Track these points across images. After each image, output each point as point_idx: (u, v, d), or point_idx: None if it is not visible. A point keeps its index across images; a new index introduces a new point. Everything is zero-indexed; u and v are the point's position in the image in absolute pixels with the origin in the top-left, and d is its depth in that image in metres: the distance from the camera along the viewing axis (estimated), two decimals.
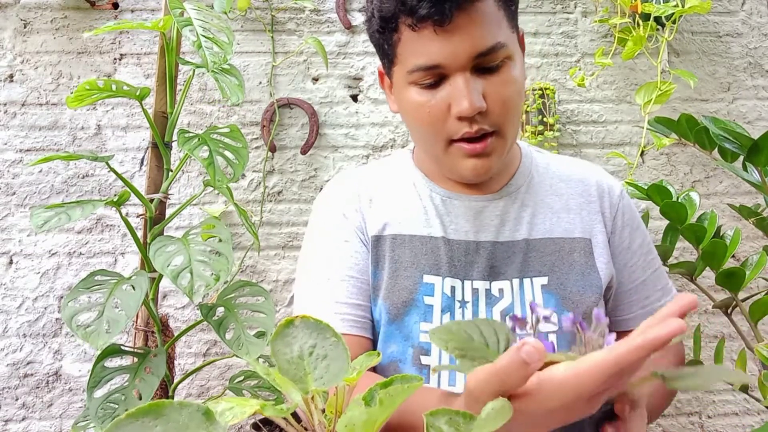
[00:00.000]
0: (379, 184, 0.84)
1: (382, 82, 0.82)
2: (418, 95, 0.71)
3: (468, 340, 0.48)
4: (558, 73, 1.47)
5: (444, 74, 0.69)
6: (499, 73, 0.69)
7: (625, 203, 0.85)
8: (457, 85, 0.68)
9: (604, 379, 0.38)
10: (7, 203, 1.37)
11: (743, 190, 1.46)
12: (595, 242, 0.79)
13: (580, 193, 0.83)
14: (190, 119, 1.42)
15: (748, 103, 1.49)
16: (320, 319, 0.43)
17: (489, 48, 0.67)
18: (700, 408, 1.42)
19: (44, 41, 1.41)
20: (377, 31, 0.72)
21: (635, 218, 0.85)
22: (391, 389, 0.35)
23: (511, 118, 0.72)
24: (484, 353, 0.47)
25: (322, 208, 0.85)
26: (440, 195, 0.81)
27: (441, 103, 0.69)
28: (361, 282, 0.77)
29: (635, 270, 0.83)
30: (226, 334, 0.91)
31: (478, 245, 0.77)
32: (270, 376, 0.42)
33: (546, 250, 0.77)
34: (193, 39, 0.92)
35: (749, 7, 1.51)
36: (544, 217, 0.80)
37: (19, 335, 1.35)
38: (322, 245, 0.82)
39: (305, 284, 0.80)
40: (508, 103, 0.70)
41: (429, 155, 0.78)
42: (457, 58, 0.67)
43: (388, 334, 0.76)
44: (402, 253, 0.77)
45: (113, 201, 0.95)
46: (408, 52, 0.69)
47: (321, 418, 0.39)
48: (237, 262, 1.38)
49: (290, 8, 1.44)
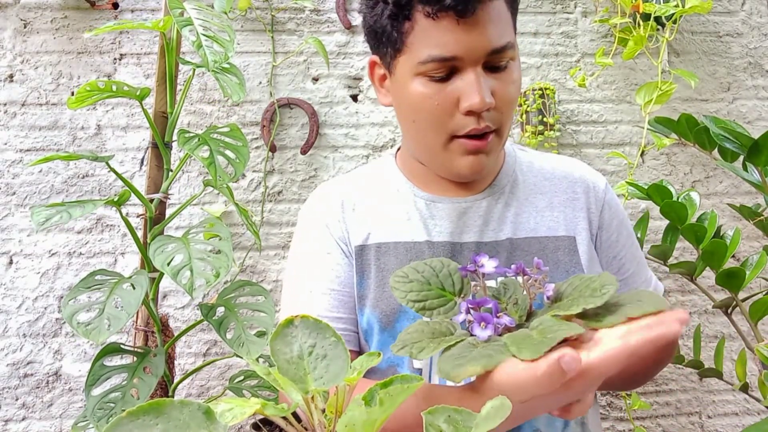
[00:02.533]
0: (363, 193, 0.84)
1: (371, 73, 0.79)
2: (423, 87, 0.69)
3: (425, 285, 0.56)
4: (558, 73, 1.47)
5: (456, 68, 0.68)
6: (506, 72, 0.70)
7: (610, 196, 0.85)
8: (469, 80, 0.67)
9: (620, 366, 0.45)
10: (7, 203, 1.37)
11: (743, 190, 1.46)
12: (579, 240, 0.79)
13: (564, 189, 0.83)
14: (190, 119, 1.42)
15: (748, 103, 1.49)
16: (319, 319, 0.43)
17: (502, 46, 0.68)
18: (700, 408, 1.42)
19: (44, 41, 1.41)
20: (389, 17, 0.70)
21: (620, 211, 0.86)
22: (391, 389, 0.35)
23: (510, 117, 0.74)
24: (442, 300, 0.55)
25: (306, 219, 0.86)
26: (424, 199, 0.81)
27: (450, 97, 0.69)
28: (342, 294, 0.78)
29: (624, 263, 0.84)
30: (227, 334, 0.91)
31: (462, 246, 0.77)
32: (270, 376, 0.42)
33: (530, 249, 0.77)
34: (192, 39, 0.92)
35: (749, 7, 1.51)
36: (528, 216, 0.80)
37: (19, 335, 1.35)
38: (304, 257, 0.83)
39: (289, 296, 0.83)
40: (511, 103, 0.71)
41: (423, 151, 0.77)
42: (474, 52, 0.66)
43: (382, 341, 0.76)
44: (387, 261, 0.77)
45: (113, 201, 0.95)
46: (421, 42, 0.68)
47: (321, 418, 0.39)
48: (237, 262, 1.38)
49: (290, 8, 1.44)
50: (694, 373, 1.36)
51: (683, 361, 1.18)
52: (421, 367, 0.75)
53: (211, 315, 0.93)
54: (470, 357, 0.46)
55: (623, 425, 1.40)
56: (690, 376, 1.43)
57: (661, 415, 1.42)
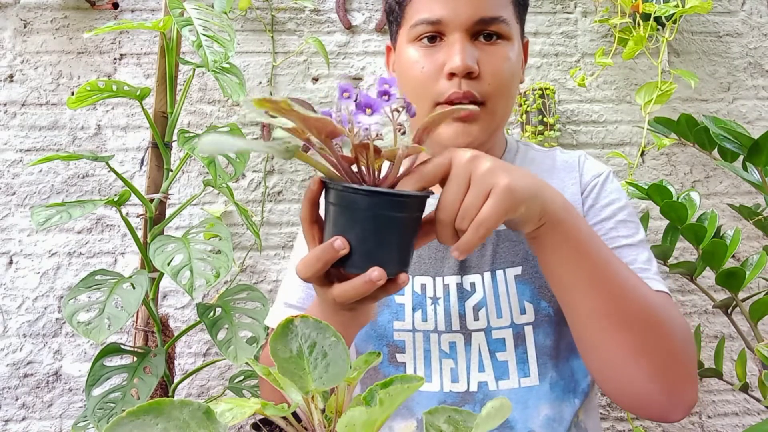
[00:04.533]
0: None
1: (387, 60, 0.83)
2: (415, 52, 0.72)
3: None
4: (558, 73, 1.47)
5: (444, 32, 0.70)
6: (496, 45, 0.71)
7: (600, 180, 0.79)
8: (452, 44, 0.69)
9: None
10: (7, 203, 1.37)
11: (743, 190, 1.46)
12: None
13: (562, 178, 0.79)
14: (190, 119, 1.42)
15: (748, 103, 1.49)
16: (319, 319, 0.43)
17: (491, 17, 0.69)
18: (700, 408, 1.42)
19: (44, 41, 1.41)
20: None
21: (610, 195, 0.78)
22: (391, 389, 0.35)
23: (502, 94, 0.71)
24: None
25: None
26: None
27: (435, 63, 0.70)
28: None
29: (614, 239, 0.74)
30: (219, 335, 0.92)
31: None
32: (270, 376, 0.42)
33: (518, 239, 0.75)
34: (192, 39, 0.92)
35: (749, 7, 1.51)
36: None
37: (19, 335, 1.35)
38: (298, 246, 0.87)
39: (283, 287, 0.85)
40: (500, 77, 0.70)
41: (414, 124, 0.74)
42: (459, 17, 0.69)
43: (365, 334, 0.77)
44: None
45: (113, 201, 0.95)
46: (414, 10, 0.72)
47: (321, 418, 0.39)
48: (237, 262, 1.38)
49: (290, 8, 1.44)
50: None
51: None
52: (404, 361, 0.75)
53: (207, 314, 0.94)
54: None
55: (623, 425, 1.40)
56: None
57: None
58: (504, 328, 0.73)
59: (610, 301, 0.60)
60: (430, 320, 0.75)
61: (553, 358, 0.73)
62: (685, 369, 0.62)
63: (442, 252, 0.77)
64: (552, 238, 0.58)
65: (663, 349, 0.61)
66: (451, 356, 0.74)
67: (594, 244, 0.60)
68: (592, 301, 0.60)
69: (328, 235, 0.50)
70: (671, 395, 0.62)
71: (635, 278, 0.63)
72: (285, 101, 0.41)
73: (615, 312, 0.60)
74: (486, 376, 0.73)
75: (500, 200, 0.50)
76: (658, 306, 0.62)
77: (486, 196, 0.50)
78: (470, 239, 0.50)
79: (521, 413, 0.71)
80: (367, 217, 0.47)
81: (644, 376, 0.61)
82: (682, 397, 0.62)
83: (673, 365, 0.62)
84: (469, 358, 0.73)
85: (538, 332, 0.72)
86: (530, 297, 0.73)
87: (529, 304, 0.73)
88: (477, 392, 0.72)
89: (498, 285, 0.74)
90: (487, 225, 0.50)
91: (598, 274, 0.60)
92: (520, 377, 0.72)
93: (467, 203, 0.50)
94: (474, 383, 0.73)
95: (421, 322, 0.75)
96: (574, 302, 0.62)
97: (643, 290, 0.62)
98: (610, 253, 0.62)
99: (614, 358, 0.61)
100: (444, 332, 0.74)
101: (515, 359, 0.73)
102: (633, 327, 0.60)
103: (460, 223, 0.51)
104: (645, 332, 0.61)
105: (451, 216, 0.51)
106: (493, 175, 0.50)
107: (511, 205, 0.51)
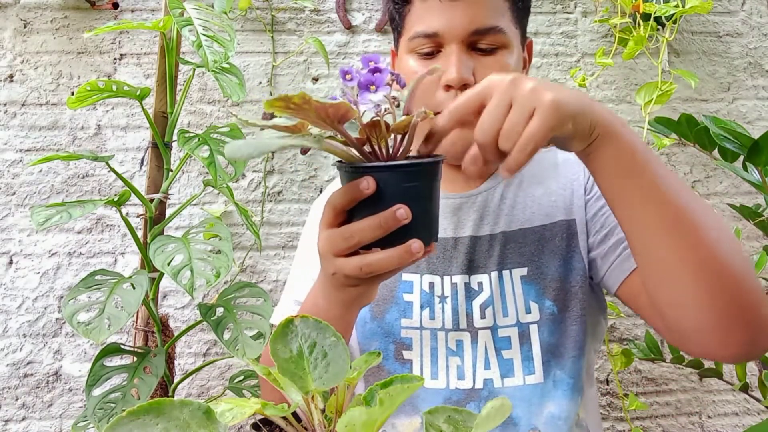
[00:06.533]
0: None
1: (393, 65, 0.84)
2: (412, 64, 0.73)
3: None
4: (558, 73, 1.47)
5: (441, 44, 0.71)
6: (494, 55, 0.71)
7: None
8: (449, 56, 0.70)
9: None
10: (7, 203, 1.37)
11: (743, 190, 1.46)
12: (579, 219, 0.77)
13: (565, 173, 0.80)
14: (190, 119, 1.42)
15: (748, 103, 1.49)
16: (319, 319, 0.43)
17: (486, 28, 0.70)
18: (700, 408, 1.42)
19: (44, 41, 1.41)
20: (393, 1, 0.77)
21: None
22: (391, 389, 0.35)
23: None
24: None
25: (312, 212, 0.91)
26: None
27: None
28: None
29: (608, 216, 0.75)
30: (224, 334, 0.92)
31: (457, 241, 0.78)
32: (270, 376, 0.42)
33: (525, 241, 0.77)
34: (192, 39, 0.92)
35: (749, 7, 1.51)
36: (524, 207, 0.79)
37: (19, 335, 1.35)
38: (303, 244, 0.89)
39: (289, 285, 0.86)
40: None
41: None
42: (454, 29, 0.70)
43: (370, 331, 0.78)
44: None
45: (113, 201, 0.95)
46: (413, 21, 0.74)
47: (321, 418, 0.39)
48: (237, 262, 1.38)
49: (290, 8, 1.44)
50: (694, 373, 1.36)
51: (683, 361, 1.18)
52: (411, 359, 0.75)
53: (209, 315, 0.94)
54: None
55: (623, 425, 1.40)
56: (690, 376, 1.43)
57: (661, 415, 1.42)
58: (510, 327, 0.74)
59: (669, 214, 0.55)
60: (438, 318, 0.76)
61: (558, 357, 0.74)
62: (750, 296, 0.55)
63: (450, 252, 0.78)
64: (606, 152, 0.55)
65: (729, 268, 0.55)
66: (457, 354, 0.75)
67: (651, 157, 0.56)
68: (653, 215, 0.55)
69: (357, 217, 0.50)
70: (732, 320, 0.55)
71: (694, 195, 0.58)
72: (299, 95, 0.42)
73: (675, 225, 0.55)
74: (492, 374, 0.74)
75: (546, 116, 0.48)
76: (723, 227, 0.58)
77: (530, 114, 0.48)
78: (518, 157, 0.48)
79: (525, 410, 0.72)
80: (395, 192, 0.47)
81: (707, 296, 0.55)
82: (744, 327, 0.55)
83: (737, 290, 0.55)
84: (476, 355, 0.74)
85: (543, 331, 0.74)
86: (535, 296, 0.75)
87: (534, 304, 0.74)
88: (482, 389, 0.73)
89: (504, 285, 0.75)
90: (535, 140, 0.48)
91: (657, 187, 0.55)
92: (525, 375, 0.73)
93: (511, 122, 0.49)
94: (480, 380, 0.74)
95: (429, 320, 0.76)
96: (635, 217, 0.57)
97: (703, 205, 0.58)
98: (666, 168, 0.57)
99: (680, 275, 0.56)
100: (451, 330, 0.75)
101: (520, 357, 0.74)
102: (697, 244, 0.55)
103: (504, 144, 0.49)
104: (710, 247, 0.55)
105: (492, 136, 0.49)
106: (536, 93, 0.49)
107: (558, 121, 0.49)
